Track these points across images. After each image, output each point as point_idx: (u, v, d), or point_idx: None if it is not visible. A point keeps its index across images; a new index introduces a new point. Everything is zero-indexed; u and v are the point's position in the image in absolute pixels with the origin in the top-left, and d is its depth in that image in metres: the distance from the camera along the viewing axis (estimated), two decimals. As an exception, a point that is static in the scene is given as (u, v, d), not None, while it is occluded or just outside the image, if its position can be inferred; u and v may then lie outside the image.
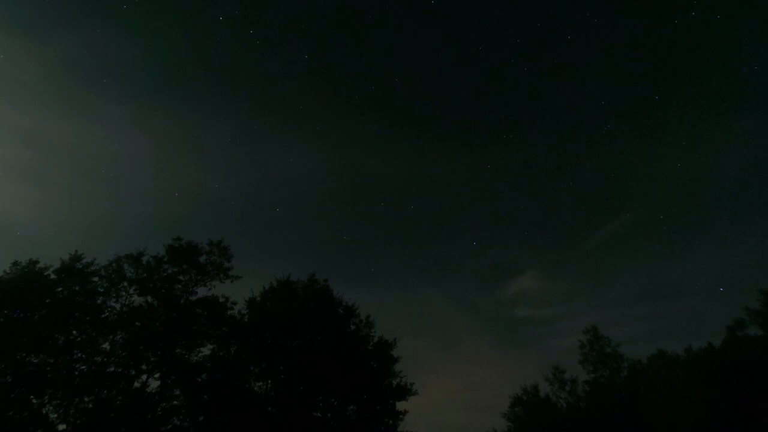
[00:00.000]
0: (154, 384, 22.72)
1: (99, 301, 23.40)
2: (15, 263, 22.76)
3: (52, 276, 22.95)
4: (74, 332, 22.09)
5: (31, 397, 20.11)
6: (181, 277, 25.46)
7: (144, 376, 22.63)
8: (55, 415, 20.45)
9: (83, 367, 21.72)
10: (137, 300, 24.25)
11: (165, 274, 25.10)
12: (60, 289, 22.66)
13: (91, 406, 20.93)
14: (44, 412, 20.28)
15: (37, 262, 23.09)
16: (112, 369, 22.16)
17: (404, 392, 26.24)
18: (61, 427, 20.47)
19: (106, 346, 22.62)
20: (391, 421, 25.76)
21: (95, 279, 23.87)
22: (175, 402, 23.06)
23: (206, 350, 24.64)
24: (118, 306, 23.82)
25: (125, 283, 24.28)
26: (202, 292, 25.72)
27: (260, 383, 25.22)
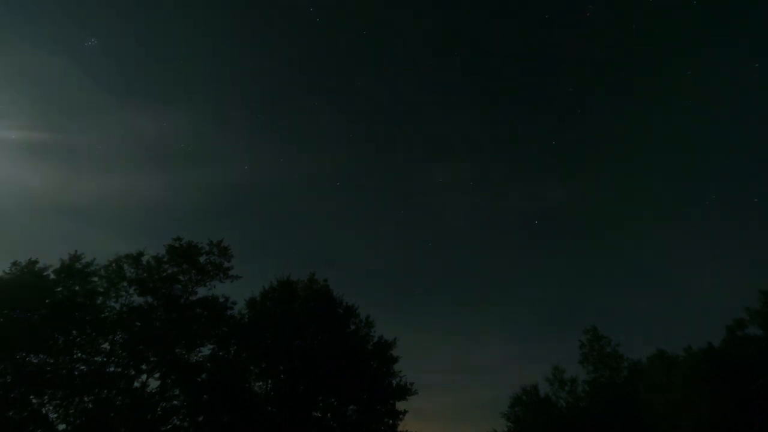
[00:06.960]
0: (154, 384, 22.84)
1: (99, 301, 23.42)
2: (15, 263, 22.69)
3: (52, 276, 22.93)
4: (74, 332, 22.11)
5: (31, 397, 20.15)
6: (181, 277, 25.48)
7: (144, 376, 22.71)
8: (55, 415, 20.52)
9: (83, 367, 21.80)
10: (137, 300, 24.30)
11: (165, 274, 25.11)
12: (60, 289, 22.66)
13: (91, 406, 20.96)
14: (44, 412, 20.32)
15: (36, 262, 23.04)
16: (112, 369, 22.24)
17: (404, 392, 26.25)
18: (61, 427, 20.52)
19: (106, 346, 22.69)
20: (391, 421, 25.79)
21: (95, 279, 23.87)
22: (175, 402, 23.14)
23: (206, 350, 24.75)
24: (118, 306, 23.84)
25: (125, 283, 24.27)
26: (202, 292, 25.79)
27: (260, 383, 25.27)
